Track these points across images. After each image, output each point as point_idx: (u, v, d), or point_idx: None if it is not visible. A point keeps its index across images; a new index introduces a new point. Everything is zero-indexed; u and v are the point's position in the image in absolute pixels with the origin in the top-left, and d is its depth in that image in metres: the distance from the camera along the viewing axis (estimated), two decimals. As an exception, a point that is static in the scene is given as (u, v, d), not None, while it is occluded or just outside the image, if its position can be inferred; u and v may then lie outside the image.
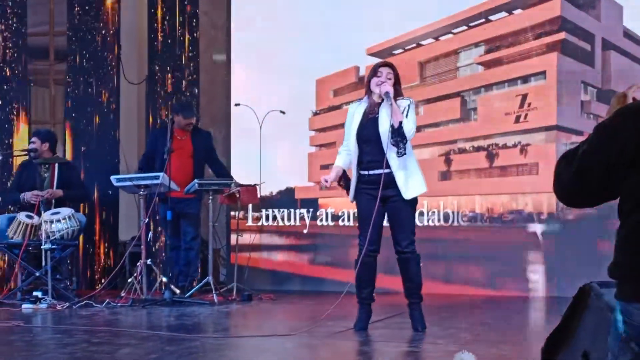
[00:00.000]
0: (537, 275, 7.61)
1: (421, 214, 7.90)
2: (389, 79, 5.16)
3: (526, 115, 7.81)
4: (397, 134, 5.01)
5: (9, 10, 8.30)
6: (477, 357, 3.47)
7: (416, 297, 5.21)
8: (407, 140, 5.05)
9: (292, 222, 8.39)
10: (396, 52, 8.27)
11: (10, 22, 8.31)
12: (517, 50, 7.90)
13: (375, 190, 5.08)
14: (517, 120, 7.83)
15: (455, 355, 3.49)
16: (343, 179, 5.26)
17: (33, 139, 7.46)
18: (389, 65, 5.24)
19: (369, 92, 5.22)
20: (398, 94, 5.19)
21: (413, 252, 5.15)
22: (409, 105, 5.15)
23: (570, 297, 2.70)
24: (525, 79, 7.87)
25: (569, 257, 7.54)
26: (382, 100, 5.13)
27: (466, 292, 7.63)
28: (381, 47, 8.29)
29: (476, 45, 8.08)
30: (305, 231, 8.31)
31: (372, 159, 5.10)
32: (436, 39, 8.20)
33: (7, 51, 8.28)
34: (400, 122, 5.01)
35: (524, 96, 7.82)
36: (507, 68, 7.94)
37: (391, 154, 5.05)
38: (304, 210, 8.33)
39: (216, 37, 9.11)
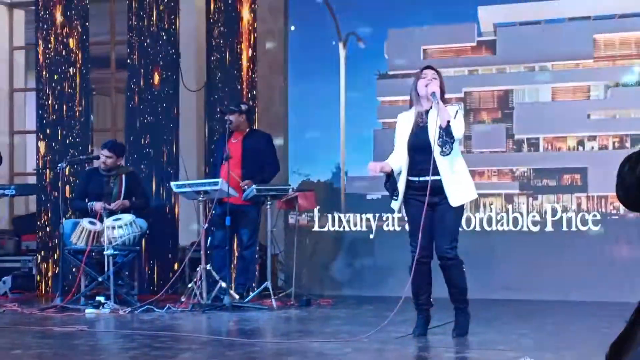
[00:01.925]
0: (601, 280, 7.47)
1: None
2: (435, 78, 5.16)
3: None
4: (445, 133, 5.00)
5: (75, 21, 8.48)
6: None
7: (460, 302, 5.19)
8: (454, 141, 5.04)
9: (359, 228, 8.35)
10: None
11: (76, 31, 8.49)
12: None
13: (424, 197, 5.09)
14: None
15: (516, 361, 3.45)
16: (390, 181, 5.21)
17: (108, 154, 7.48)
18: (432, 68, 5.25)
19: (416, 100, 5.21)
20: (444, 99, 5.18)
21: (454, 258, 5.12)
22: (457, 111, 5.16)
23: (634, 303, 2.65)
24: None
25: (634, 261, 7.38)
26: (430, 107, 5.13)
27: (526, 297, 7.52)
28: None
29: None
30: (371, 236, 8.27)
31: (422, 166, 5.10)
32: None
33: (77, 63, 8.47)
34: (448, 122, 5.00)
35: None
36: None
37: (440, 161, 5.05)
38: (370, 215, 8.29)
39: (273, 42, 9.16)
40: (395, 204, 5.24)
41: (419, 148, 5.10)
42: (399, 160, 5.21)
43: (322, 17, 8.55)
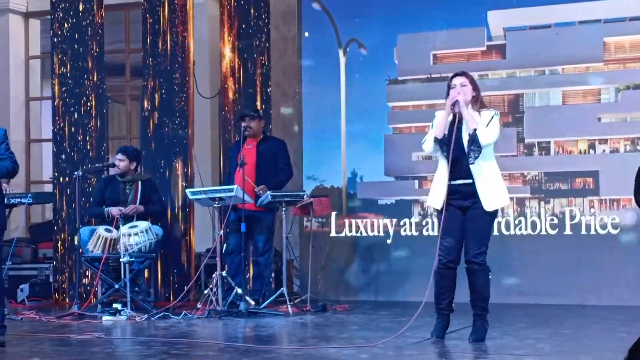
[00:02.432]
0: (616, 284, 7.43)
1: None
2: (464, 85, 5.16)
3: None
4: (472, 141, 5.01)
5: (90, 30, 8.53)
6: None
7: (480, 309, 5.17)
8: (480, 149, 5.03)
9: (376, 233, 8.35)
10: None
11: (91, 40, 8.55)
12: None
13: (457, 201, 5.10)
14: None
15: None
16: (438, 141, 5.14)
17: (121, 157, 7.57)
18: (461, 74, 5.24)
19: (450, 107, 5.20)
20: (479, 102, 5.17)
21: (481, 264, 5.12)
22: (493, 117, 5.14)
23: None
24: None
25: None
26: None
27: (543, 302, 7.49)
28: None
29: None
30: (389, 241, 8.27)
31: (459, 169, 5.10)
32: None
33: (92, 71, 8.53)
34: (475, 130, 5.00)
35: None
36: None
37: (473, 165, 5.06)
38: (387, 220, 8.28)
39: (286, 48, 9.19)
40: (434, 201, 5.18)
41: (456, 152, 5.08)
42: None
43: (337, 23, 8.56)
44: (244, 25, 8.43)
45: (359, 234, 8.37)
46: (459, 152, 5.09)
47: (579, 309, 7.15)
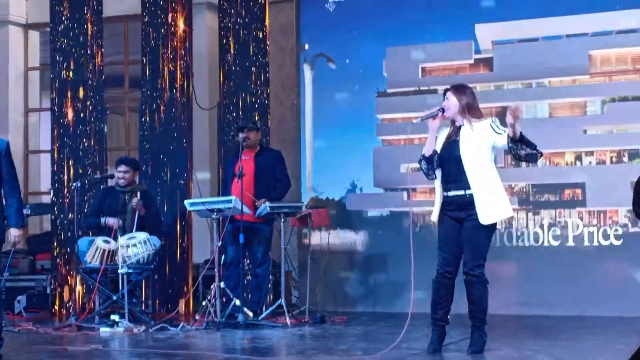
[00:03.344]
0: (616, 295, 7.43)
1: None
2: (447, 99, 5.20)
3: None
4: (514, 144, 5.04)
5: (89, 41, 8.55)
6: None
7: (478, 321, 5.16)
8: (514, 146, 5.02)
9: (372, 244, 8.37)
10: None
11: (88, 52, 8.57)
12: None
13: (453, 212, 5.11)
14: None
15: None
16: (429, 158, 5.16)
17: (126, 168, 7.56)
18: (449, 89, 5.26)
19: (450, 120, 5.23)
20: (468, 110, 5.16)
21: (479, 276, 5.12)
22: (491, 125, 5.15)
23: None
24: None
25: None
26: (462, 124, 5.16)
27: (542, 313, 7.49)
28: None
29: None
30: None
31: (453, 179, 5.11)
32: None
33: (91, 82, 8.54)
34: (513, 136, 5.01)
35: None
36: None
37: (471, 176, 5.05)
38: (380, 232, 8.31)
39: (284, 60, 9.22)
40: (433, 214, 5.22)
41: (448, 161, 5.11)
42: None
43: (333, 35, 8.61)
44: (241, 37, 8.46)
45: (355, 246, 8.40)
46: (453, 164, 5.10)
47: (577, 320, 7.14)
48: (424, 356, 5.07)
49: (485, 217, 5.05)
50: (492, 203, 5.07)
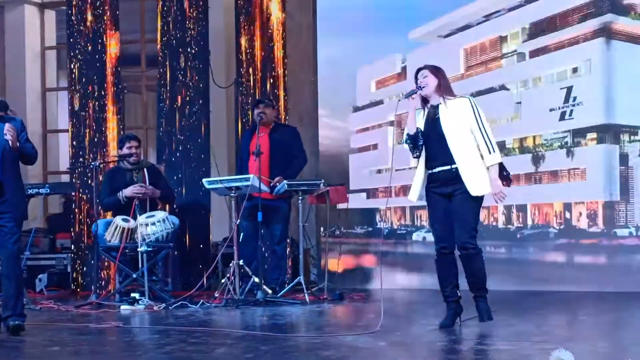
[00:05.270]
0: (636, 271, 7.40)
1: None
2: (425, 77, 5.23)
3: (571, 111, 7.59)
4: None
5: (105, 20, 8.55)
6: (574, 355, 3.40)
7: (481, 290, 5.20)
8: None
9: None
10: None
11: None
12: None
13: (438, 188, 5.18)
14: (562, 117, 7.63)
15: (552, 352, 3.43)
16: (413, 136, 5.20)
17: (135, 144, 7.54)
18: (422, 68, 5.29)
19: (424, 101, 5.25)
20: (443, 89, 5.20)
21: (474, 247, 5.15)
22: (472, 106, 5.19)
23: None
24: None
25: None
26: (439, 103, 5.20)
27: (561, 289, 7.47)
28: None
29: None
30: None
31: (438, 156, 5.15)
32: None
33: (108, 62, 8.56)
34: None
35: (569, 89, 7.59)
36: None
37: (456, 151, 5.09)
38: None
39: (301, 37, 9.18)
40: (411, 194, 5.27)
41: (432, 139, 5.15)
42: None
43: (349, 11, 8.57)
44: (258, 14, 8.43)
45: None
46: (436, 140, 5.14)
47: (596, 296, 7.11)
48: (443, 331, 5.07)
49: (474, 188, 5.09)
50: (478, 175, 5.11)
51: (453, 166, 5.11)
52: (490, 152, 5.14)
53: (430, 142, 5.17)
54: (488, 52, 8.08)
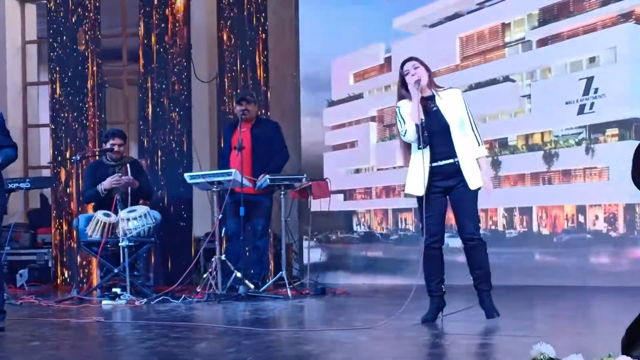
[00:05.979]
0: (617, 266, 7.43)
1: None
2: (416, 68, 5.16)
3: (592, 104, 7.14)
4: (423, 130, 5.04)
5: (86, 14, 8.50)
6: (554, 349, 3.42)
7: (486, 285, 5.18)
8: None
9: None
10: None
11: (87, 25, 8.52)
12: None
13: (441, 181, 5.13)
14: (582, 110, 7.18)
15: (532, 346, 3.45)
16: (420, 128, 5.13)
17: (120, 141, 7.51)
18: (410, 59, 5.22)
19: (412, 93, 5.13)
20: (433, 82, 5.21)
21: (480, 239, 5.15)
22: (462, 95, 5.19)
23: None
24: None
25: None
26: (432, 94, 5.16)
27: (543, 283, 7.50)
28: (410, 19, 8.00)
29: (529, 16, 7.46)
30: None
31: (441, 149, 5.10)
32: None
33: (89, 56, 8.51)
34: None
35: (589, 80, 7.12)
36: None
37: (458, 144, 5.07)
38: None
39: (284, 31, 9.16)
40: (413, 188, 5.16)
41: (434, 132, 5.09)
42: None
43: (332, 6, 8.55)
44: (240, 9, 8.40)
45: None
46: (440, 133, 5.10)
47: (578, 290, 7.16)
48: (425, 326, 5.08)
49: (473, 182, 5.09)
50: (475, 169, 5.12)
51: (455, 159, 5.08)
52: (479, 145, 5.13)
53: (434, 134, 5.10)
54: (487, 41, 7.65)
